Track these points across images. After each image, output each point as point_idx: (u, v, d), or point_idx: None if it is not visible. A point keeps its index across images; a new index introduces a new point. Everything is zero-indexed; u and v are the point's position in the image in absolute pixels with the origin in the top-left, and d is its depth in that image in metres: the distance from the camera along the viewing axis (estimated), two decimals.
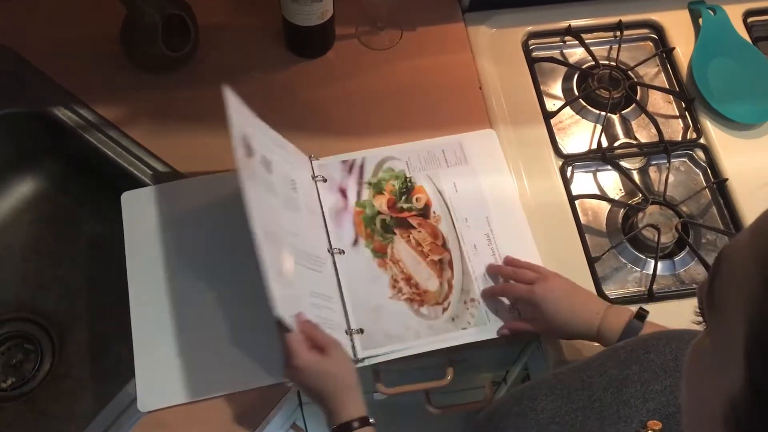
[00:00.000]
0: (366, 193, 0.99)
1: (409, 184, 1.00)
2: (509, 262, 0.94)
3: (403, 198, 0.99)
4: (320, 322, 0.83)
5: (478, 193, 0.99)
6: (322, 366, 0.78)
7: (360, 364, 0.87)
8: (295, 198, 0.92)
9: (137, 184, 1.00)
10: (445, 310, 0.92)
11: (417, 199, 0.99)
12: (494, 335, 0.90)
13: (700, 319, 0.44)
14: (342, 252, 0.94)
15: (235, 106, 0.86)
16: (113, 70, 1.07)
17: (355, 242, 0.95)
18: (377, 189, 0.99)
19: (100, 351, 1.04)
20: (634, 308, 0.82)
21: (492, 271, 0.94)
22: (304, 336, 0.79)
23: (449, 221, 0.97)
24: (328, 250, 0.94)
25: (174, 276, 0.93)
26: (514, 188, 1.01)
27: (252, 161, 0.84)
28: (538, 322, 0.87)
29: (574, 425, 0.64)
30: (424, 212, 0.98)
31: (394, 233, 0.96)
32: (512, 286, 0.90)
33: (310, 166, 0.99)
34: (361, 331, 0.89)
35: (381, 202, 0.98)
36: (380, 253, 0.95)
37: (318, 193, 0.98)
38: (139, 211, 0.97)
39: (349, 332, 0.89)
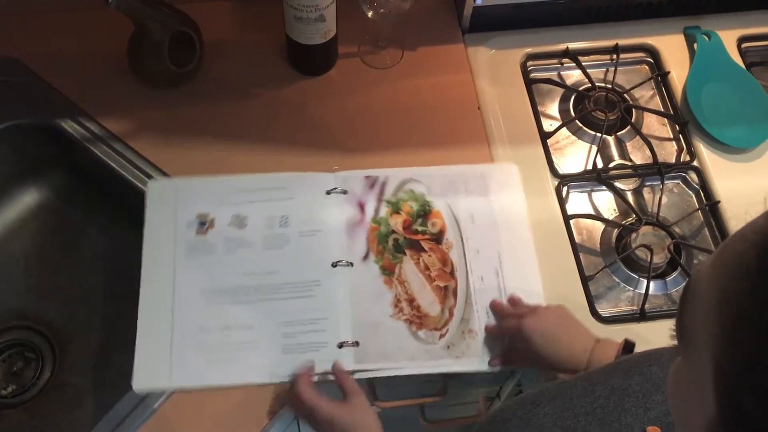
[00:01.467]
0: (383, 211, 1.00)
1: (427, 207, 1.00)
2: (513, 302, 0.94)
3: (419, 221, 0.99)
4: (292, 348, 0.88)
5: (494, 227, 1.00)
6: (350, 416, 0.81)
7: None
8: (283, 233, 0.96)
9: (141, 196, 1.01)
10: (442, 336, 0.92)
11: (433, 224, 0.99)
12: (486, 368, 0.91)
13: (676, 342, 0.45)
14: (351, 264, 0.96)
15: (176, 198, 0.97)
16: (119, 83, 1.09)
17: (366, 257, 0.96)
18: (395, 208, 1.00)
19: (101, 360, 1.05)
20: (619, 339, 0.83)
21: (494, 308, 0.94)
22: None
23: (461, 250, 0.98)
24: (333, 264, 0.95)
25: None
26: (529, 227, 1.00)
27: (205, 237, 0.95)
28: (527, 356, 0.87)
29: (576, 429, 0.66)
30: (438, 237, 0.98)
31: (405, 253, 0.97)
32: (504, 321, 0.91)
33: (327, 181, 1.00)
34: (357, 344, 0.91)
35: (397, 222, 0.99)
36: (388, 271, 0.96)
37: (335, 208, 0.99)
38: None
39: (342, 344, 0.90)
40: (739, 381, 0.37)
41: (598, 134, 1.11)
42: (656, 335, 0.84)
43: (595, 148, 1.11)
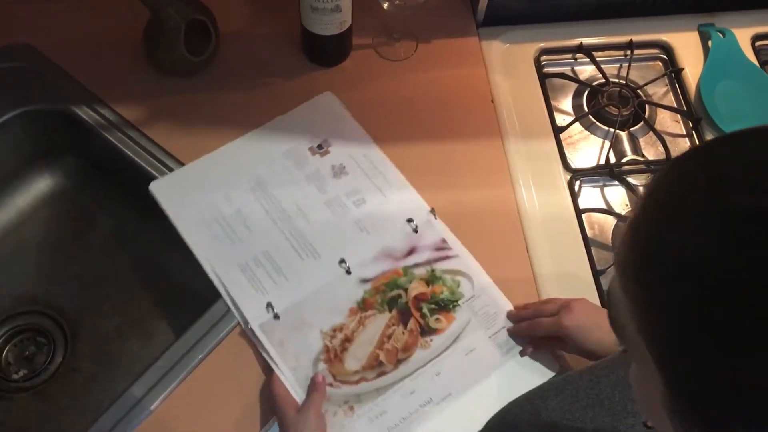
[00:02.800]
0: (419, 272, 0.96)
1: (451, 306, 0.95)
2: (523, 308, 0.94)
3: (433, 306, 0.94)
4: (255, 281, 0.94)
5: (471, 382, 0.91)
6: (294, 420, 0.82)
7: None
8: (344, 204, 1.01)
9: None
10: (335, 385, 0.89)
11: (438, 320, 0.94)
12: None
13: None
14: (349, 272, 0.96)
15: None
16: (134, 71, 1.09)
17: (366, 281, 0.96)
18: (429, 280, 0.96)
19: (112, 346, 1.06)
20: None
21: (513, 316, 0.93)
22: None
23: (425, 360, 0.91)
24: (341, 260, 0.96)
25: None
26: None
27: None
28: (563, 348, 0.88)
29: (584, 421, 0.66)
30: (427, 330, 0.93)
31: (390, 312, 0.94)
32: (538, 322, 0.89)
33: (420, 207, 1.01)
34: (278, 317, 0.92)
35: (417, 289, 0.95)
36: (363, 306, 0.94)
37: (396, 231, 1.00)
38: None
39: (269, 305, 0.92)
40: (656, 339, 0.41)
41: (611, 129, 1.11)
42: None
43: (607, 144, 1.11)
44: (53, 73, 1.09)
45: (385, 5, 1.06)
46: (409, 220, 1.00)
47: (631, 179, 1.07)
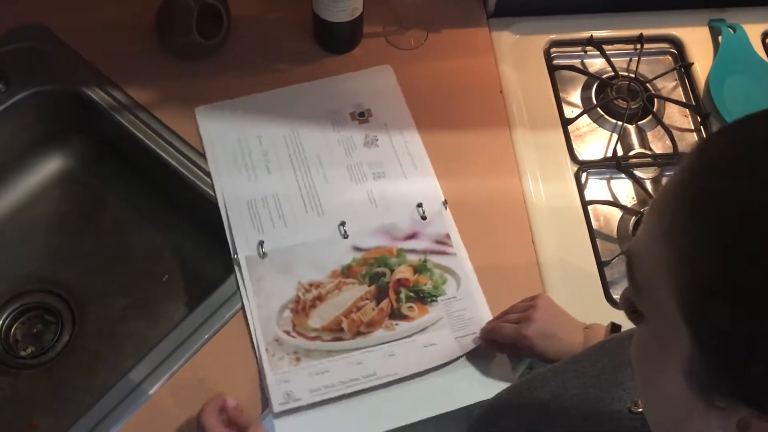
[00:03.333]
0: (411, 258, 0.97)
1: (429, 299, 0.95)
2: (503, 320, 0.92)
3: (411, 296, 0.95)
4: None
5: (420, 372, 0.90)
6: None
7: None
8: (364, 173, 1.03)
9: (164, 166, 1.03)
10: (291, 334, 0.91)
11: (411, 309, 0.94)
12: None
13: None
14: (345, 236, 0.98)
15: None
16: (146, 54, 1.10)
17: (358, 249, 0.97)
18: (418, 269, 0.97)
19: (119, 327, 1.07)
20: (605, 322, 0.84)
21: (484, 336, 0.92)
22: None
23: (384, 340, 0.92)
24: (341, 222, 0.98)
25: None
26: None
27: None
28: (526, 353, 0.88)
29: (571, 409, 0.67)
30: (397, 315, 0.94)
31: (369, 287, 0.95)
32: (501, 327, 0.89)
33: (436, 195, 1.02)
34: (265, 255, 0.95)
35: (403, 273, 0.96)
36: (347, 273, 0.95)
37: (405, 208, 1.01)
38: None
39: (260, 249, 0.95)
40: (700, 296, 0.40)
41: (619, 122, 1.12)
42: None
43: (615, 136, 1.11)
44: (66, 55, 1.09)
45: None
46: (419, 206, 1.00)
47: (638, 172, 1.08)
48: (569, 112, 1.13)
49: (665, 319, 0.43)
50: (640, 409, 0.62)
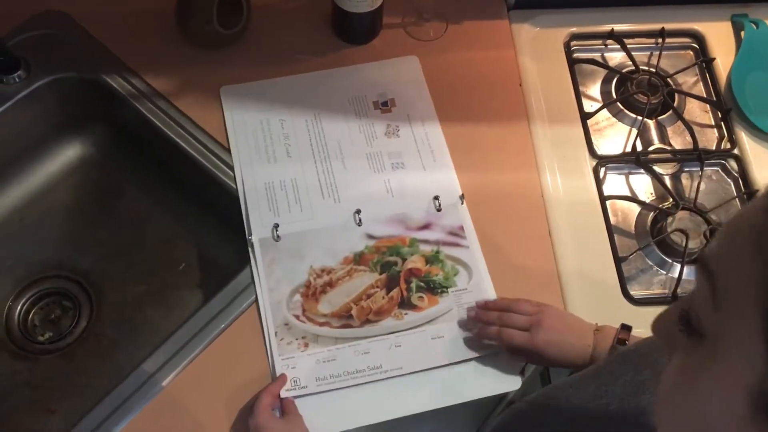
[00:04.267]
0: (424, 248, 0.97)
1: (439, 290, 0.95)
2: (490, 305, 0.92)
3: (422, 286, 0.95)
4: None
5: (425, 365, 0.90)
6: (283, 430, 0.82)
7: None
8: (383, 162, 1.03)
9: (182, 155, 1.03)
10: (301, 318, 0.92)
11: (421, 299, 0.94)
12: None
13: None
14: (359, 224, 0.98)
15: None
16: (166, 42, 1.10)
17: (371, 237, 0.98)
18: (429, 258, 0.97)
19: (135, 314, 1.08)
20: (616, 324, 0.84)
21: (476, 318, 0.92)
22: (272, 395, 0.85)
23: (392, 330, 0.92)
24: (356, 211, 0.99)
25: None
26: None
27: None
28: (534, 360, 0.87)
29: None
30: (406, 304, 0.94)
31: (380, 275, 0.95)
32: (509, 334, 0.87)
33: (454, 189, 1.02)
34: (279, 239, 0.96)
35: (414, 263, 0.96)
36: (357, 258, 0.96)
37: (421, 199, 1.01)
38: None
39: (274, 232, 0.96)
40: None
41: (639, 117, 1.11)
42: None
43: (635, 131, 1.10)
44: (86, 42, 1.10)
45: None
46: (436, 198, 1.00)
47: (657, 168, 1.07)
48: (588, 106, 1.13)
49: (737, 337, 0.40)
50: None
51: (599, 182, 1.05)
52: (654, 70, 1.14)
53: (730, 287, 0.42)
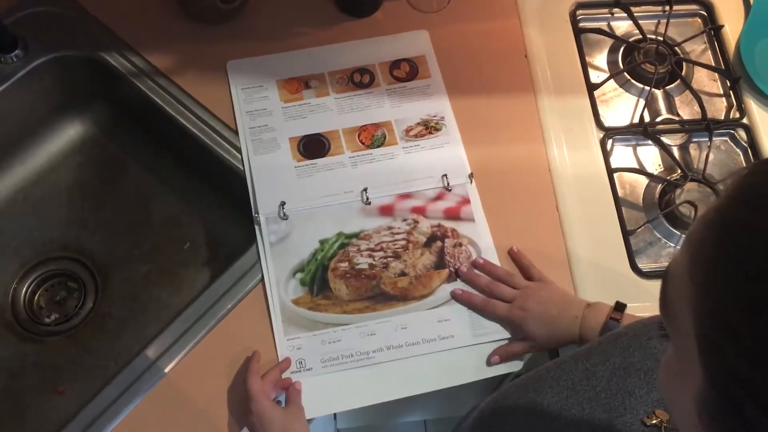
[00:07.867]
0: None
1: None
2: (486, 269, 0.93)
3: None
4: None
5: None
6: (283, 418, 0.81)
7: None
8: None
9: (183, 133, 1.02)
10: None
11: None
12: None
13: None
14: (367, 201, 0.97)
15: None
16: (165, 19, 1.08)
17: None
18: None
19: (141, 293, 1.07)
20: (611, 302, 0.83)
21: (467, 277, 0.93)
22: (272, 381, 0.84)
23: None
24: (363, 190, 0.98)
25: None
26: None
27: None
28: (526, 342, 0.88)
29: (581, 418, 0.65)
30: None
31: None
32: (492, 305, 0.90)
33: (460, 170, 1.01)
34: (285, 217, 0.96)
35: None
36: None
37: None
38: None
39: (281, 210, 0.96)
40: (716, 332, 0.37)
41: (646, 87, 1.09)
42: None
43: (642, 102, 1.09)
44: (84, 20, 1.08)
45: None
46: (444, 176, 0.99)
47: (665, 139, 1.06)
48: (595, 77, 1.11)
49: (685, 346, 0.41)
50: (654, 421, 0.61)
51: (606, 154, 1.04)
52: (661, 39, 1.12)
53: (673, 298, 0.42)
